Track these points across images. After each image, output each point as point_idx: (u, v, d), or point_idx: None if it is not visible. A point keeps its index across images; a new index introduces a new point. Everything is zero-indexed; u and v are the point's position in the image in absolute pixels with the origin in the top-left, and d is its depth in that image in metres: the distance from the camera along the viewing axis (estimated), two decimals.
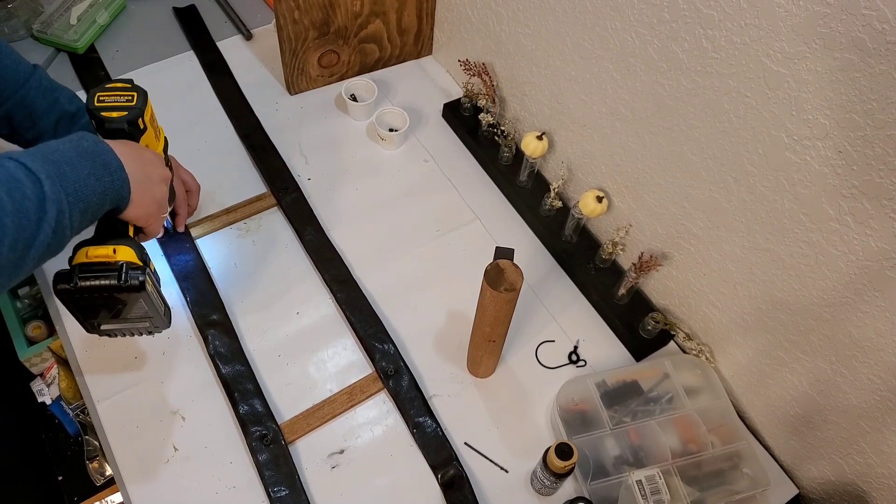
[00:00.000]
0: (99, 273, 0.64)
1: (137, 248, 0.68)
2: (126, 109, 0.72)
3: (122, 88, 0.73)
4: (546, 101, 0.99)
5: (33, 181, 0.54)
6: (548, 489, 0.77)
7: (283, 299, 0.92)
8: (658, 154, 0.82)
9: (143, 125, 0.73)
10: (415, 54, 1.25)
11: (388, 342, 0.88)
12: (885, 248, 0.61)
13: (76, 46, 1.17)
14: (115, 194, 0.63)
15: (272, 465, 0.77)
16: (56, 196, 0.56)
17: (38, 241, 0.54)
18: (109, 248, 0.66)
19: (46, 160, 0.57)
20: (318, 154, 1.09)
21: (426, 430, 0.82)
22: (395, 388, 0.85)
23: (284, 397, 0.84)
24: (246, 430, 0.79)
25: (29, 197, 0.53)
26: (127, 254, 0.67)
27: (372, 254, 0.98)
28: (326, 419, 0.82)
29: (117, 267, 0.65)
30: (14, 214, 0.52)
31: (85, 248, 0.66)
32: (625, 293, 0.92)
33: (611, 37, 0.81)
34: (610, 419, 0.81)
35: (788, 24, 0.60)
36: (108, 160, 0.62)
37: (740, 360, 0.86)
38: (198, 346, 0.87)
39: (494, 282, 0.70)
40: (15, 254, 0.52)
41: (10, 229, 0.51)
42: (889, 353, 0.66)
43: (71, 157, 0.59)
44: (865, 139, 0.58)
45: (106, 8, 1.23)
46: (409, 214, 1.03)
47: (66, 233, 0.58)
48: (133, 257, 0.67)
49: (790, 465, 0.85)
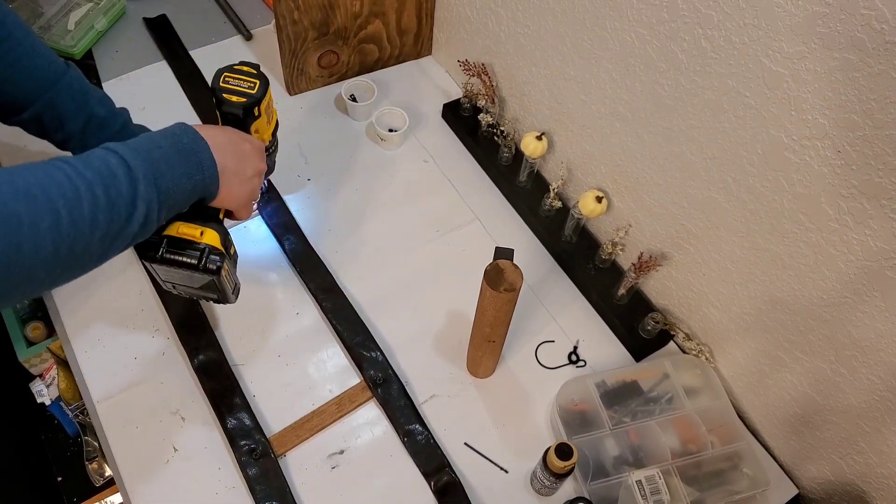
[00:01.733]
0: (183, 250, 0.69)
1: (223, 233, 0.72)
2: (245, 96, 0.76)
3: (248, 73, 0.77)
4: (545, 102, 0.99)
5: (130, 180, 0.57)
6: (548, 489, 0.77)
7: (269, 308, 0.92)
8: (657, 154, 0.82)
9: (257, 112, 0.77)
10: (414, 55, 1.25)
11: (375, 350, 0.87)
12: (885, 248, 0.62)
13: (72, 52, 1.15)
14: (203, 190, 0.66)
15: (262, 479, 0.77)
16: (148, 196, 0.58)
17: (126, 233, 0.58)
18: (198, 230, 0.70)
19: (146, 159, 0.59)
20: (317, 154, 1.09)
21: (417, 437, 0.81)
22: (385, 396, 0.84)
23: (273, 410, 0.83)
24: (234, 444, 0.78)
25: (123, 195, 0.56)
26: (212, 238, 0.70)
27: (372, 254, 0.98)
28: (316, 430, 0.82)
29: (200, 248, 0.69)
30: (107, 210, 0.55)
31: (177, 224, 0.70)
32: (624, 293, 0.92)
33: (610, 37, 0.81)
34: (610, 419, 0.81)
35: (787, 23, 0.60)
36: (202, 158, 0.65)
37: (740, 360, 0.86)
38: None
39: (494, 282, 0.70)
40: (104, 244, 0.56)
41: (101, 224, 0.55)
42: (888, 353, 0.66)
43: (169, 156, 0.62)
44: (864, 139, 0.58)
45: (105, 14, 1.21)
46: (409, 214, 1.03)
47: (152, 226, 0.61)
48: (217, 242, 0.70)
49: (790, 465, 0.85)
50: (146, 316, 0.89)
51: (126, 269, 0.93)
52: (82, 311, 0.88)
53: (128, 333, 0.87)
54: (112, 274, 0.92)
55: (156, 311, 0.89)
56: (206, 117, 1.11)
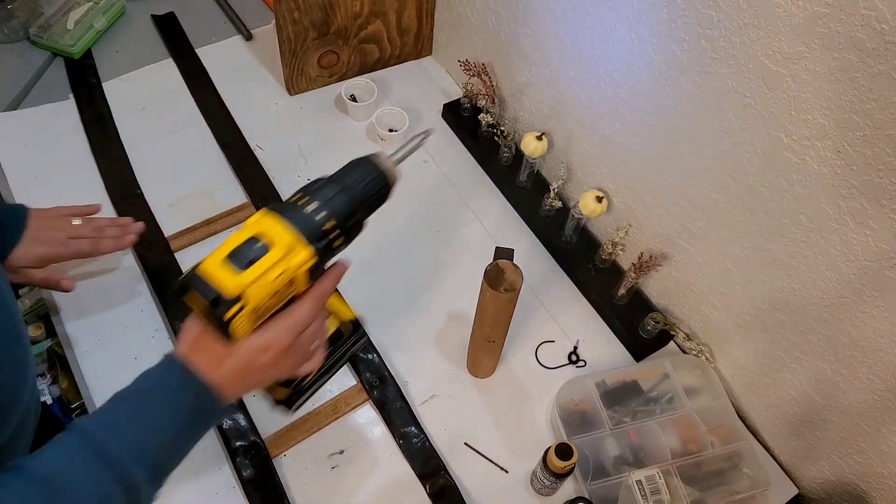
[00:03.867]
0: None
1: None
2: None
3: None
4: (545, 102, 0.99)
5: (132, 492, 0.47)
6: (548, 489, 0.77)
7: None
8: (657, 154, 0.82)
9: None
10: (414, 55, 1.25)
11: (372, 352, 0.87)
12: (885, 248, 0.61)
13: (72, 52, 1.16)
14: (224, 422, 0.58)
15: (257, 479, 0.76)
16: (151, 495, 0.50)
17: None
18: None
19: (149, 458, 0.49)
20: (317, 154, 1.09)
21: (412, 440, 0.81)
22: (381, 398, 0.84)
23: (270, 411, 0.83)
24: (229, 444, 0.78)
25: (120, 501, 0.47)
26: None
27: (371, 254, 0.98)
28: (311, 431, 0.82)
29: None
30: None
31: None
32: (624, 293, 0.92)
33: (610, 37, 0.81)
34: (610, 419, 0.81)
35: (787, 24, 0.60)
36: (210, 412, 0.53)
37: (740, 361, 0.86)
38: None
39: (494, 282, 0.70)
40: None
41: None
42: (888, 353, 0.66)
43: (175, 434, 0.51)
44: (864, 139, 0.58)
45: (104, 13, 1.21)
46: (409, 215, 1.03)
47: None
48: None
49: (790, 465, 0.85)
50: (146, 316, 0.89)
51: (126, 269, 0.93)
52: (83, 311, 0.88)
53: (128, 333, 0.87)
54: (112, 274, 0.92)
55: (156, 311, 0.89)
56: (209, 115, 1.12)
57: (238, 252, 0.50)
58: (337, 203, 0.54)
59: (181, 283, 0.50)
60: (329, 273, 0.58)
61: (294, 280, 0.53)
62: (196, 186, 1.02)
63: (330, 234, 0.54)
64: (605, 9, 0.80)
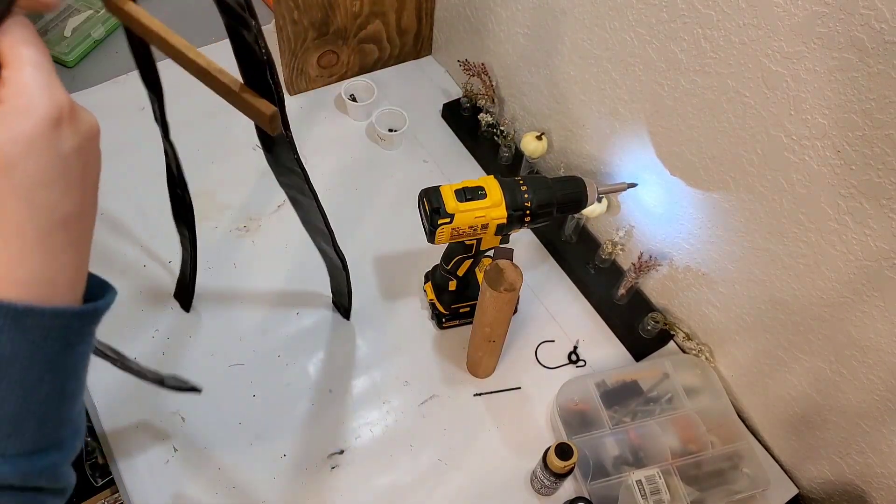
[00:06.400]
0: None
1: None
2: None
3: None
4: (545, 102, 0.99)
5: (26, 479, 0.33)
6: (548, 489, 0.77)
7: (282, 301, 0.92)
8: (657, 154, 0.82)
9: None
10: (414, 55, 1.25)
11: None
12: (884, 248, 0.61)
13: (66, 60, 1.14)
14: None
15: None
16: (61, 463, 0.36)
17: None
18: None
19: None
20: (317, 154, 1.09)
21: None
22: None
23: (270, 409, 0.84)
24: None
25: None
26: None
27: (371, 254, 0.98)
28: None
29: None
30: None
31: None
32: (624, 293, 0.92)
33: (609, 37, 0.81)
34: (610, 419, 0.81)
35: (787, 23, 0.60)
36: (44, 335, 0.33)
37: (740, 360, 0.86)
38: (197, 346, 0.87)
39: (494, 282, 0.70)
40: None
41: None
42: (888, 353, 0.66)
43: (18, 394, 0.32)
44: (864, 139, 0.58)
45: (102, 23, 1.19)
46: (409, 215, 1.03)
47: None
48: None
49: (790, 464, 0.85)
50: (146, 316, 0.89)
51: (126, 269, 0.93)
52: None
53: (128, 333, 0.87)
54: (112, 274, 0.92)
55: (156, 311, 0.89)
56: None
57: (465, 190, 0.73)
58: (541, 195, 0.74)
59: (425, 189, 0.73)
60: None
61: (486, 226, 0.74)
62: (196, 187, 1.02)
63: (525, 210, 0.74)
64: (605, 8, 0.80)
